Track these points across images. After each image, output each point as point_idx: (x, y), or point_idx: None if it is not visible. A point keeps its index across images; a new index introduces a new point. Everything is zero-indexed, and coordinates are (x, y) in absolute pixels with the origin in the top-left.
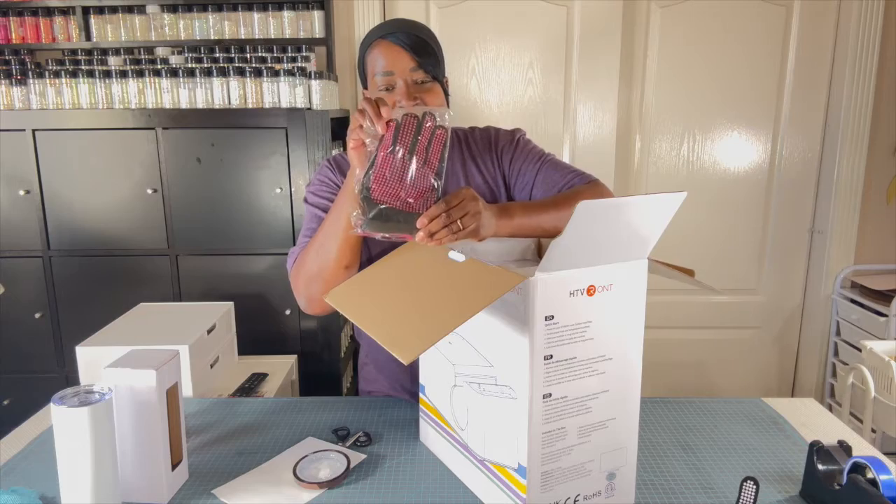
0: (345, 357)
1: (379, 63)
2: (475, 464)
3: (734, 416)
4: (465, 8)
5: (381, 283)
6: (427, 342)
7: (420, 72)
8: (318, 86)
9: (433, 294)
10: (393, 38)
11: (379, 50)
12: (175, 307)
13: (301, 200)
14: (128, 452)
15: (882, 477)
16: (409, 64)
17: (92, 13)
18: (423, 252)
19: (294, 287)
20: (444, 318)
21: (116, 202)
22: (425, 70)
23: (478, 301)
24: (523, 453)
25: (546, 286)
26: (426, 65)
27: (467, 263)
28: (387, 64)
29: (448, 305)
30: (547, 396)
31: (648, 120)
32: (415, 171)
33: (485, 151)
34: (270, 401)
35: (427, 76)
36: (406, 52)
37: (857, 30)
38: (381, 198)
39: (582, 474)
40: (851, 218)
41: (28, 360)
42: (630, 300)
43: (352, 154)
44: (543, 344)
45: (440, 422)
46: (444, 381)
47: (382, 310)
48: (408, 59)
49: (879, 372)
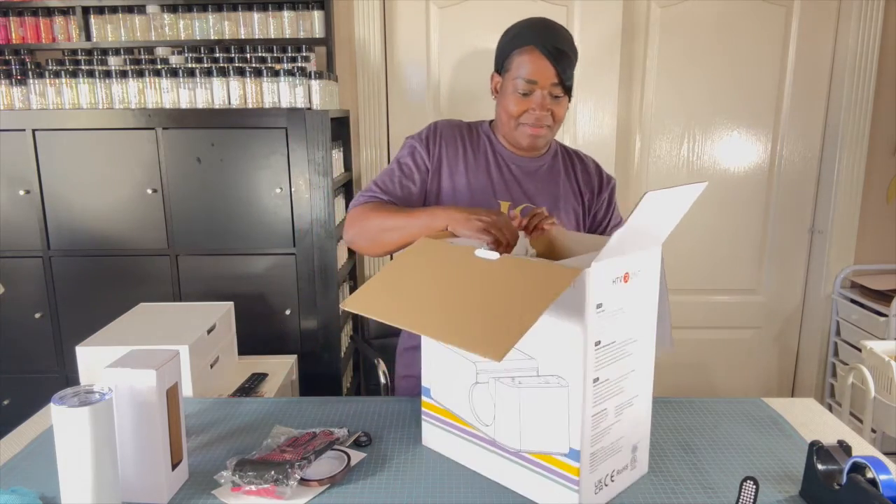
0: (345, 357)
1: (525, 69)
2: (506, 457)
3: (734, 416)
4: (465, 8)
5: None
6: (514, 337)
7: (559, 87)
8: (318, 86)
9: (490, 293)
10: (546, 52)
11: (530, 57)
12: (175, 307)
13: (301, 200)
14: (128, 452)
15: (882, 477)
16: (552, 79)
17: (92, 13)
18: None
19: (348, 222)
20: (520, 314)
21: (116, 202)
22: (563, 86)
23: (545, 294)
24: (576, 438)
25: (597, 275)
26: (566, 81)
27: (504, 261)
28: (534, 74)
29: (514, 302)
30: (595, 381)
31: (648, 120)
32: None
33: (593, 184)
34: (270, 401)
35: (562, 91)
36: (553, 68)
37: (857, 30)
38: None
39: (616, 451)
40: (851, 218)
41: (28, 360)
42: (651, 284)
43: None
44: (594, 331)
45: (453, 421)
46: (460, 380)
47: (439, 314)
48: (553, 74)
49: (879, 372)
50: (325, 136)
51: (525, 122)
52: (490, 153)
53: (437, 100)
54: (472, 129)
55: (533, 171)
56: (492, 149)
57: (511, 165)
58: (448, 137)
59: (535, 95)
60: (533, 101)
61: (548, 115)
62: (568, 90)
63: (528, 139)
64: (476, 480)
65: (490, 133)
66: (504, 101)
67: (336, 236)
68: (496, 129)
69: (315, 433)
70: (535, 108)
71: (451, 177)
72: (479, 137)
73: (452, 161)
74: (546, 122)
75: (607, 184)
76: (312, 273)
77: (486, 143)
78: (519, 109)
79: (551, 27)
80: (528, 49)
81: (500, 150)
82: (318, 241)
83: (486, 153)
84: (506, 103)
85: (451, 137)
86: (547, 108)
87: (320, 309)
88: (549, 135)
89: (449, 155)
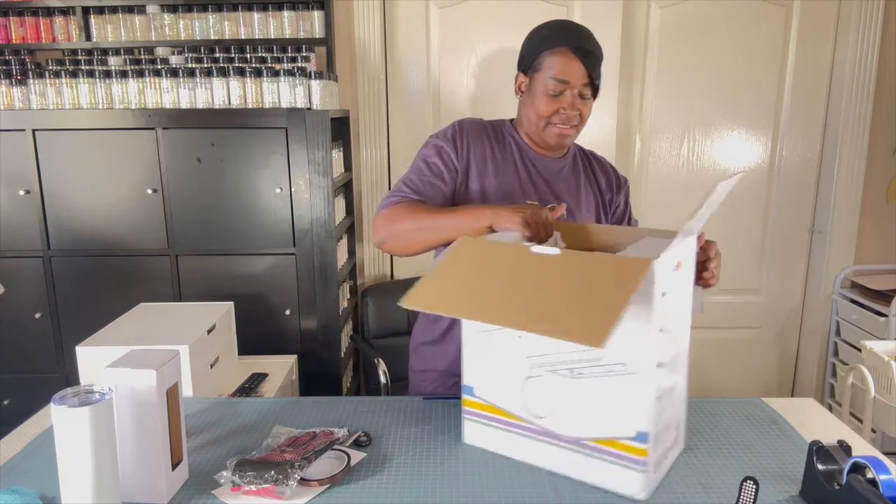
0: (345, 357)
1: (557, 69)
2: (564, 446)
3: (734, 416)
4: (465, 8)
5: (481, 282)
6: (610, 325)
7: (588, 88)
8: (318, 86)
9: (565, 286)
10: (578, 52)
11: (562, 58)
12: (175, 307)
13: (301, 200)
14: (128, 452)
15: (882, 477)
16: (582, 80)
17: (92, 13)
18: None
19: (379, 224)
20: (606, 303)
21: (116, 202)
22: (592, 86)
23: (626, 284)
24: (643, 421)
25: (664, 266)
26: (595, 80)
27: (566, 255)
28: (565, 74)
29: (595, 293)
30: (659, 365)
31: (648, 120)
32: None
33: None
34: (270, 401)
35: (591, 92)
36: (585, 70)
37: (857, 30)
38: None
39: (668, 429)
40: (851, 218)
41: (28, 360)
42: (690, 272)
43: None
44: (658, 318)
45: (501, 416)
46: (510, 376)
47: (519, 307)
48: (584, 75)
49: (879, 372)
50: (325, 136)
51: (555, 122)
52: (517, 154)
53: (437, 100)
54: (496, 129)
55: (557, 171)
56: (518, 149)
57: (537, 166)
58: (474, 137)
59: (565, 96)
60: (563, 102)
61: (576, 115)
62: (596, 90)
63: (556, 139)
64: (477, 480)
65: (514, 133)
66: (534, 101)
67: (336, 236)
68: (518, 128)
69: (315, 433)
70: (566, 108)
71: (480, 177)
72: (505, 138)
73: (480, 162)
74: (574, 122)
75: (624, 183)
76: (312, 273)
77: (512, 144)
78: (549, 109)
79: (581, 29)
80: (560, 50)
81: (526, 151)
82: (318, 241)
83: (512, 154)
84: (536, 103)
85: (477, 137)
86: (576, 108)
87: (320, 309)
88: (576, 135)
89: (476, 155)
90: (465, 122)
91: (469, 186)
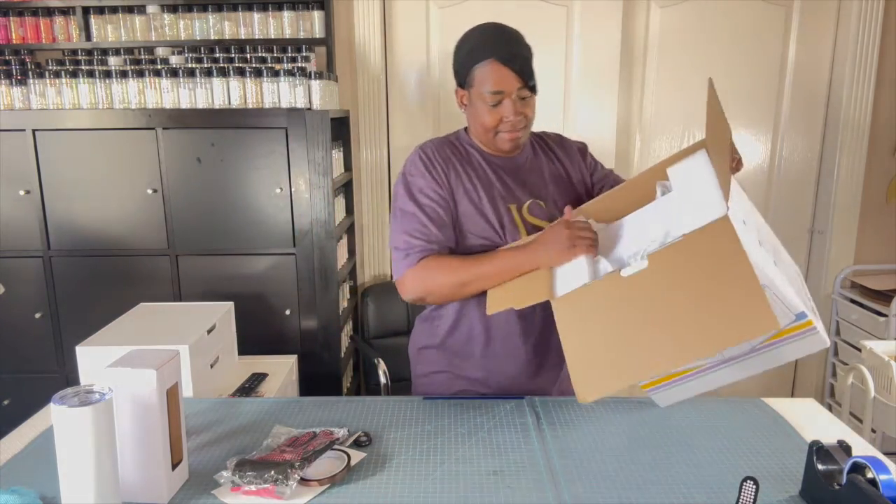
0: (345, 357)
1: (490, 81)
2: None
3: (734, 416)
4: (465, 8)
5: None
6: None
7: (525, 90)
8: (318, 86)
9: (685, 292)
10: (505, 60)
11: (491, 69)
12: (175, 307)
13: (301, 200)
14: (128, 452)
15: (882, 477)
16: (516, 85)
17: (92, 13)
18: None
19: (409, 286)
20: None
21: (116, 202)
22: (529, 88)
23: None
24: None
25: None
26: (529, 82)
27: (655, 259)
28: (499, 85)
29: (717, 281)
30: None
31: (648, 120)
32: None
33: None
34: (270, 401)
35: (529, 92)
36: (515, 76)
37: (857, 30)
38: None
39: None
40: (851, 218)
41: (28, 360)
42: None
43: (572, 251)
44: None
45: (680, 376)
46: None
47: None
48: (516, 80)
49: (879, 372)
50: (325, 136)
51: (502, 130)
52: (482, 162)
53: (437, 100)
54: (455, 144)
55: (521, 165)
56: (481, 157)
57: (503, 167)
58: (443, 159)
59: (504, 104)
60: (504, 110)
61: (521, 119)
62: (533, 89)
63: (508, 144)
64: (477, 480)
65: (471, 142)
66: (477, 114)
67: (336, 236)
68: (473, 136)
69: (315, 433)
70: (509, 115)
71: (465, 195)
72: (466, 150)
73: (457, 181)
74: (521, 125)
75: (584, 147)
76: (312, 273)
77: (475, 154)
78: (493, 120)
79: (502, 33)
80: (487, 62)
81: (488, 157)
82: (318, 241)
83: (478, 164)
84: (479, 116)
85: (445, 158)
86: (519, 112)
87: (320, 309)
88: (526, 134)
89: (452, 176)
90: (428, 148)
91: (458, 208)
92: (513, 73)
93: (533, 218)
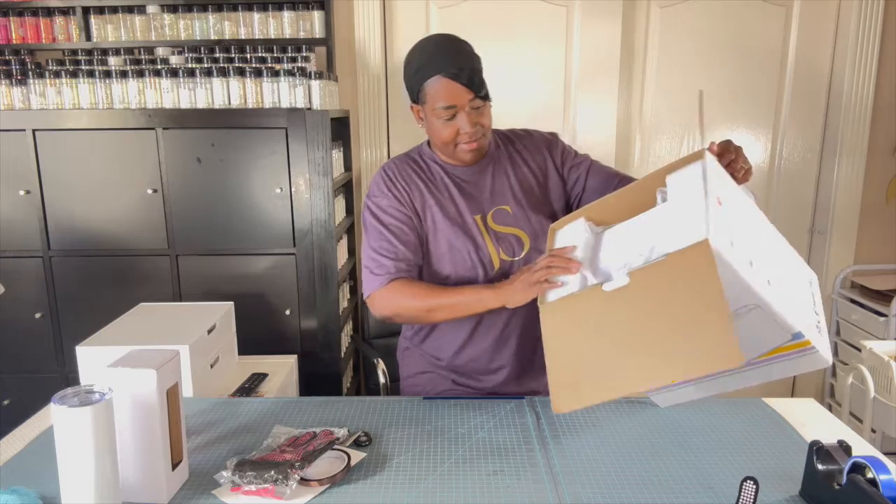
0: (345, 357)
1: (440, 98)
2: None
3: (734, 416)
4: (465, 8)
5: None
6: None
7: (477, 100)
8: (318, 86)
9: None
10: (452, 75)
11: (440, 86)
12: (175, 307)
13: (301, 200)
14: (128, 452)
15: (882, 477)
16: (468, 97)
17: (92, 13)
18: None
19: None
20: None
21: (116, 202)
22: (481, 98)
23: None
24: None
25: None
26: (480, 93)
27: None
28: (449, 100)
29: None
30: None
31: (648, 120)
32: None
33: (535, 151)
34: (270, 401)
35: (481, 101)
36: (465, 89)
37: (857, 30)
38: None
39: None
40: (851, 218)
41: (28, 360)
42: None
43: (532, 290)
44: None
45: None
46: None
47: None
48: (466, 93)
49: (879, 372)
50: (325, 136)
51: (461, 142)
52: (444, 176)
53: None
54: (417, 160)
55: (485, 173)
56: (443, 171)
57: (465, 179)
58: (405, 178)
59: (458, 117)
60: (459, 123)
61: (478, 128)
62: (486, 97)
63: (469, 155)
64: (476, 480)
65: (434, 156)
66: (433, 129)
67: (336, 236)
68: (435, 149)
69: (315, 433)
70: (464, 127)
71: (429, 216)
72: (429, 165)
73: (419, 201)
74: (478, 134)
75: (554, 140)
76: (312, 273)
77: (437, 168)
78: (450, 134)
79: (448, 47)
80: (435, 79)
81: (450, 170)
82: (318, 241)
83: (440, 180)
84: (435, 131)
85: (407, 177)
86: (474, 122)
87: (320, 309)
88: (486, 142)
89: (415, 194)
90: (390, 169)
91: (425, 226)
92: (461, 86)
93: (498, 226)
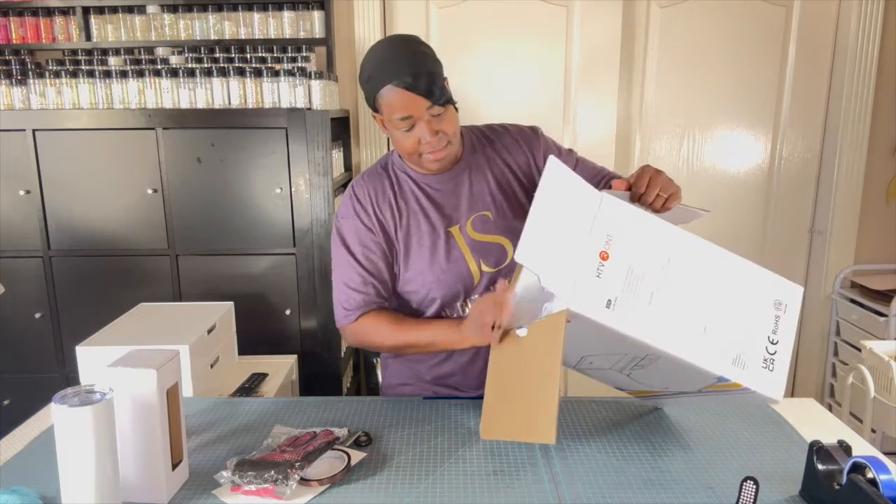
0: (345, 357)
1: (395, 108)
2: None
3: (734, 416)
4: (465, 8)
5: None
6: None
7: (435, 107)
8: (318, 86)
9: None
10: (405, 85)
11: (393, 96)
12: (175, 307)
13: (301, 200)
14: (128, 452)
15: (882, 477)
16: (424, 105)
17: (92, 13)
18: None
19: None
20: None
21: (116, 202)
22: (439, 104)
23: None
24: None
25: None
26: (438, 99)
27: (533, 331)
28: (404, 110)
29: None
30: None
31: (648, 120)
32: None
33: (516, 151)
34: (270, 401)
35: (441, 107)
36: (419, 97)
37: (857, 30)
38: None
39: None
40: (851, 218)
41: (28, 360)
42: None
43: (485, 336)
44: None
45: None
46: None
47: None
48: (422, 101)
49: (879, 372)
50: (325, 136)
51: (424, 152)
52: (415, 189)
53: None
54: (387, 174)
55: (459, 178)
56: (413, 182)
57: (435, 188)
58: (375, 199)
59: (418, 127)
60: (419, 132)
61: (440, 136)
62: (446, 102)
63: (434, 164)
64: (476, 480)
65: (405, 167)
66: (395, 142)
67: None
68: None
69: (315, 433)
70: (425, 136)
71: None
72: (398, 176)
73: (390, 221)
74: (442, 142)
75: (534, 135)
76: (312, 273)
77: (407, 179)
78: (412, 144)
79: (400, 52)
80: (388, 89)
81: (420, 180)
82: (318, 241)
83: (412, 193)
84: (398, 143)
85: (378, 196)
86: (435, 130)
87: (320, 309)
88: (454, 149)
89: (385, 218)
90: (359, 187)
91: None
92: (415, 95)
93: (477, 234)
